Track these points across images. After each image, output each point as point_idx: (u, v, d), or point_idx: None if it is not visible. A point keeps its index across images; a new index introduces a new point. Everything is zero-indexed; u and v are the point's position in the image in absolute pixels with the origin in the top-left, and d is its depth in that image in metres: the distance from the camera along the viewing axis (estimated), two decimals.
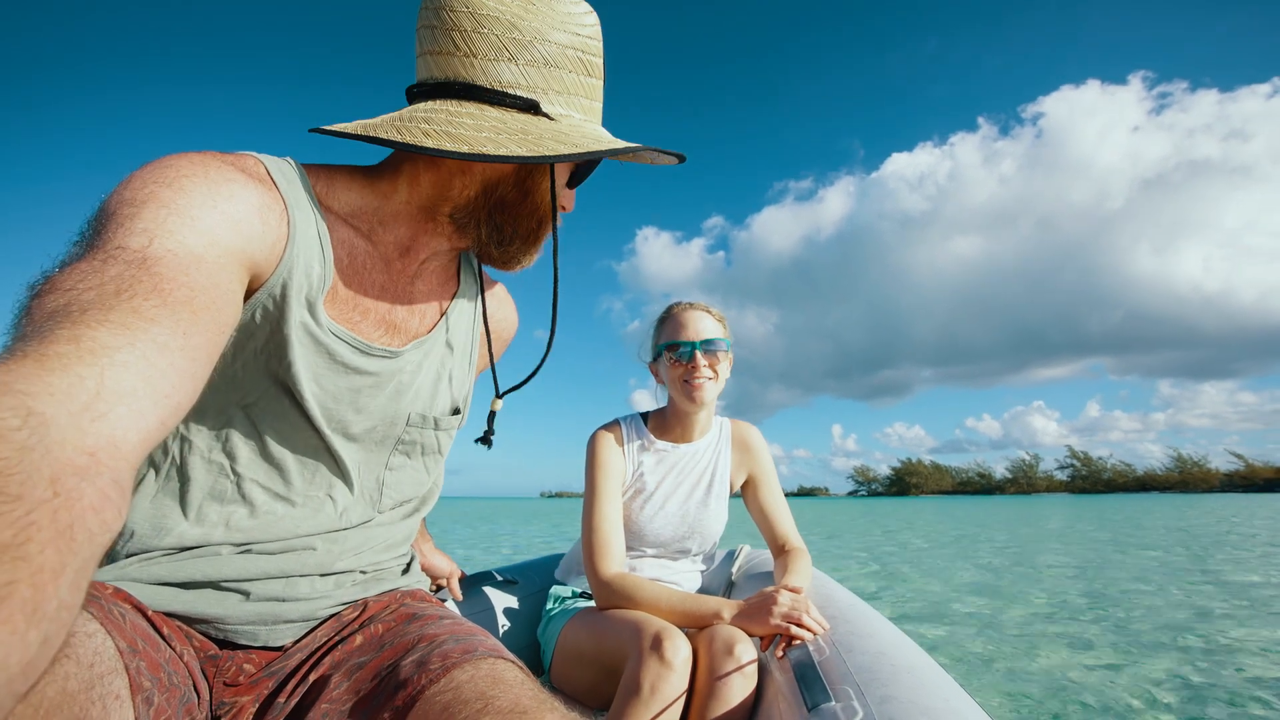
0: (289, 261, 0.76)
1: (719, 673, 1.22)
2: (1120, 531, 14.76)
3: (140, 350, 0.46)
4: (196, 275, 0.58)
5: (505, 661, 0.79)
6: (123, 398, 0.42)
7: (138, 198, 0.62)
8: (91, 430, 0.38)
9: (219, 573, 0.79)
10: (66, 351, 0.41)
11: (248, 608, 0.81)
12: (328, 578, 0.88)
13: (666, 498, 1.72)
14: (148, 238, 0.58)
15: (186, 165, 0.68)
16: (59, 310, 0.47)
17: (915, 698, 0.93)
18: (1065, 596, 6.05)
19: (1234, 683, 3.30)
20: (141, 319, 0.49)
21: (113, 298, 0.49)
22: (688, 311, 1.72)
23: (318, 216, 0.81)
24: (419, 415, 0.94)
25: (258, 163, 0.77)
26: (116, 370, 0.43)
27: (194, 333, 0.53)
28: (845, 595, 1.46)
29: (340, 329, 0.82)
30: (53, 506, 0.32)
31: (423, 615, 0.91)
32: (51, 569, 0.30)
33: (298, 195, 0.79)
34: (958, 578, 7.51)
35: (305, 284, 0.78)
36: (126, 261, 0.54)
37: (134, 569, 0.76)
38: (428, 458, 1.00)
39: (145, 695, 0.62)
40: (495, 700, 0.70)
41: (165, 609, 0.77)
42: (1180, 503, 53.55)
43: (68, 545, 0.32)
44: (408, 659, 0.80)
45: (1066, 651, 4.00)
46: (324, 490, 0.87)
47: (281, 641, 0.85)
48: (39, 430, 0.34)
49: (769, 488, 1.79)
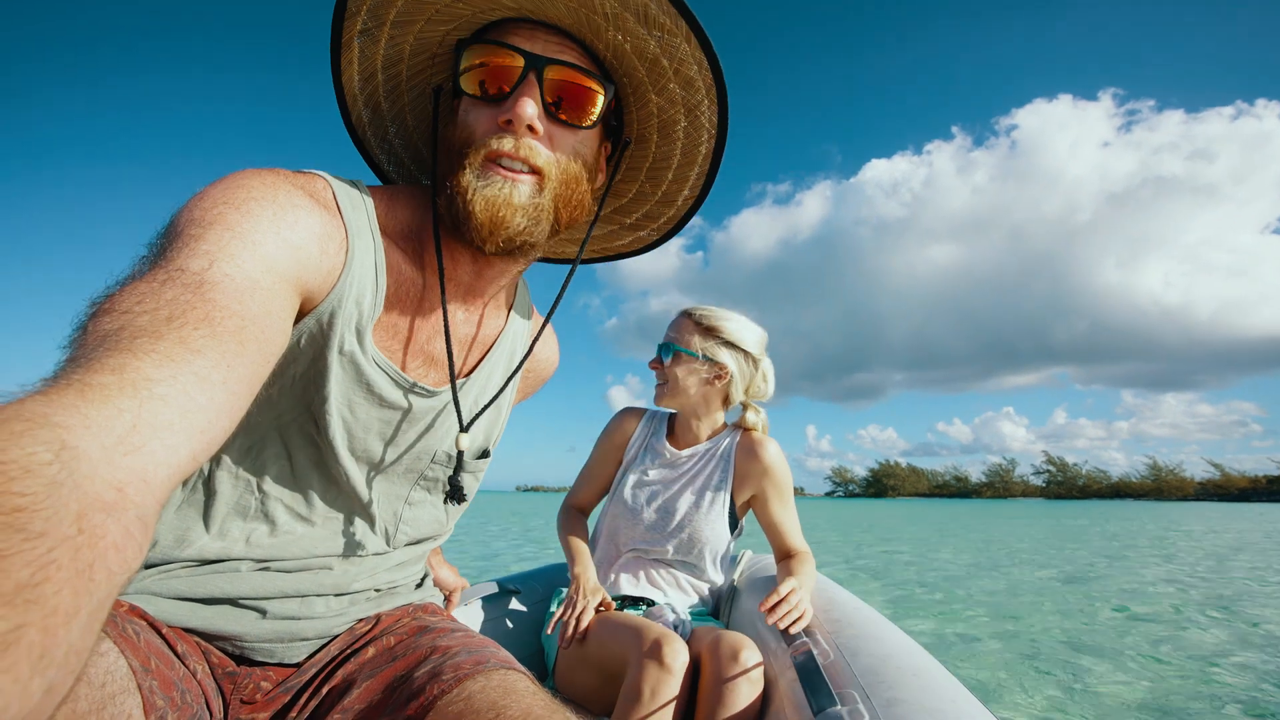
0: (341, 290, 0.75)
1: (724, 677, 1.24)
2: (1153, 540, 14.65)
3: (181, 384, 0.46)
4: (250, 304, 0.58)
5: (516, 673, 0.80)
6: (158, 431, 0.41)
7: (206, 218, 0.62)
8: (123, 465, 0.38)
9: (237, 589, 0.79)
10: (110, 382, 0.41)
11: (265, 625, 0.81)
12: (342, 597, 0.89)
13: (658, 494, 1.74)
14: (209, 260, 0.58)
15: (258, 188, 0.68)
16: (110, 335, 0.47)
17: (921, 701, 0.94)
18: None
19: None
20: (188, 350, 0.48)
21: (164, 324, 0.49)
22: (678, 315, 1.78)
23: (376, 245, 0.80)
24: (445, 454, 0.93)
25: (326, 186, 0.77)
26: (155, 404, 0.42)
27: (238, 364, 0.53)
28: (849, 599, 1.47)
29: (384, 359, 0.81)
30: (75, 544, 0.30)
31: (434, 628, 0.92)
32: (65, 611, 0.29)
33: (360, 223, 0.78)
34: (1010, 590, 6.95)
35: (355, 313, 0.77)
36: (184, 285, 0.54)
37: (151, 582, 0.76)
38: (448, 502, 0.98)
39: (158, 714, 0.62)
40: (507, 710, 0.70)
41: (183, 625, 0.77)
42: (1167, 510, 54.24)
43: (85, 585, 0.30)
44: (420, 670, 0.80)
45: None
46: (343, 515, 0.87)
47: (297, 658, 0.86)
48: (69, 464, 0.33)
49: (779, 503, 1.73)
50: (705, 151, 0.94)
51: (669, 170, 0.98)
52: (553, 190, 0.80)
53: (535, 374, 1.14)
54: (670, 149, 0.95)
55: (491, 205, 0.76)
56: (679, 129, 0.92)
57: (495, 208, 0.76)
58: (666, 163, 0.97)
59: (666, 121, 0.91)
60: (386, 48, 0.86)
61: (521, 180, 0.77)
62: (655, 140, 0.94)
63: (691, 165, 0.96)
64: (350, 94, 0.91)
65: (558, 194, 0.81)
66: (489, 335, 0.96)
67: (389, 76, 0.89)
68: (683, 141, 0.94)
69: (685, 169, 0.97)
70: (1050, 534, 16.75)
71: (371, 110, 0.93)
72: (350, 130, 0.95)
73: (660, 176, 0.99)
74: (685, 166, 0.97)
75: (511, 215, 0.77)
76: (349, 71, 0.88)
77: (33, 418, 0.33)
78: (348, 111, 0.93)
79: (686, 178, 0.98)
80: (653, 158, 0.97)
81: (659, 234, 1.09)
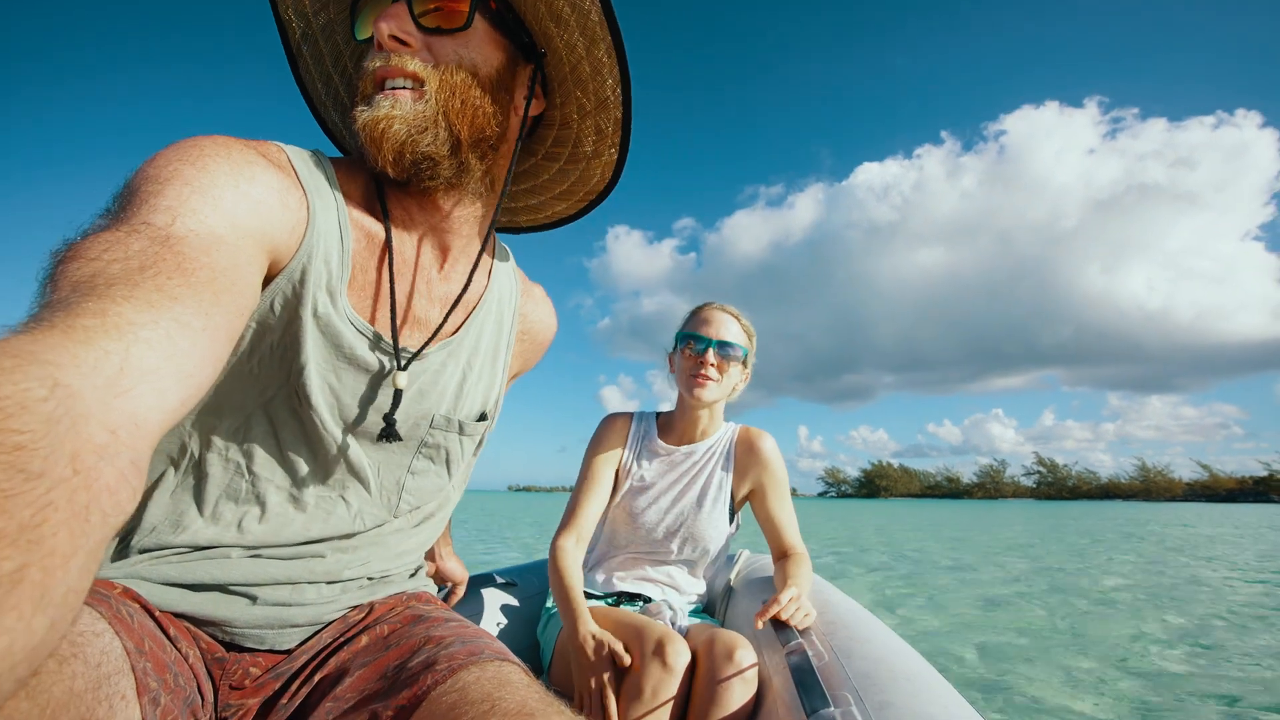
0: (308, 247, 0.76)
1: (719, 677, 1.24)
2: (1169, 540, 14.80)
3: (164, 328, 0.46)
4: (218, 256, 0.58)
5: (511, 664, 0.80)
6: (146, 375, 0.41)
7: (162, 175, 0.62)
8: (115, 406, 0.37)
9: (228, 575, 0.79)
10: (93, 325, 0.40)
11: (255, 611, 0.81)
12: (335, 584, 0.88)
13: (660, 494, 1.73)
14: (171, 215, 0.58)
15: (210, 146, 0.68)
16: (85, 281, 0.46)
17: (914, 704, 0.95)
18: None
19: None
20: (166, 296, 0.48)
21: (138, 273, 0.49)
22: (717, 311, 1.74)
23: (339, 205, 0.80)
24: (443, 418, 0.93)
25: (280, 150, 0.78)
26: (141, 347, 0.42)
27: (215, 313, 0.53)
28: (844, 600, 1.47)
29: (360, 320, 0.81)
30: (71, 486, 0.31)
31: (429, 617, 0.91)
32: (63, 553, 0.29)
33: (318, 182, 0.79)
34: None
35: (324, 272, 0.78)
36: (150, 238, 0.54)
37: (144, 567, 0.76)
38: (452, 464, 0.99)
39: (151, 696, 0.62)
40: (502, 702, 0.70)
41: (173, 609, 0.77)
42: (1158, 511, 54.13)
43: (81, 528, 0.31)
44: (414, 659, 0.80)
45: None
46: (337, 493, 0.86)
47: (288, 645, 0.85)
48: (65, 403, 0.33)
49: (776, 497, 1.75)
50: (611, 77, 0.91)
51: (586, 86, 0.93)
52: (438, 98, 0.80)
53: (531, 338, 1.14)
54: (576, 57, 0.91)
55: (372, 122, 0.78)
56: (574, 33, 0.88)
57: (375, 123, 0.78)
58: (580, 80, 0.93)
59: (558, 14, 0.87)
60: (328, 49, 0.94)
61: (401, 95, 0.79)
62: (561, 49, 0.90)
63: (602, 76, 0.91)
64: (318, 100, 0.98)
65: (446, 102, 0.81)
66: (472, 296, 0.96)
67: (340, 72, 0.97)
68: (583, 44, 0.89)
69: (599, 82, 0.92)
70: (1075, 536, 16.71)
71: (340, 113, 1.00)
72: (322, 126, 1.03)
73: (572, 94, 0.95)
74: (597, 78, 0.92)
75: (390, 125, 0.78)
76: (310, 81, 0.96)
77: (21, 354, 0.33)
78: (321, 118, 1.01)
79: (605, 100, 0.94)
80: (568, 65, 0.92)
81: (598, 178, 1.05)
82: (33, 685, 0.47)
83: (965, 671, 3.75)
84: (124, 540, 0.77)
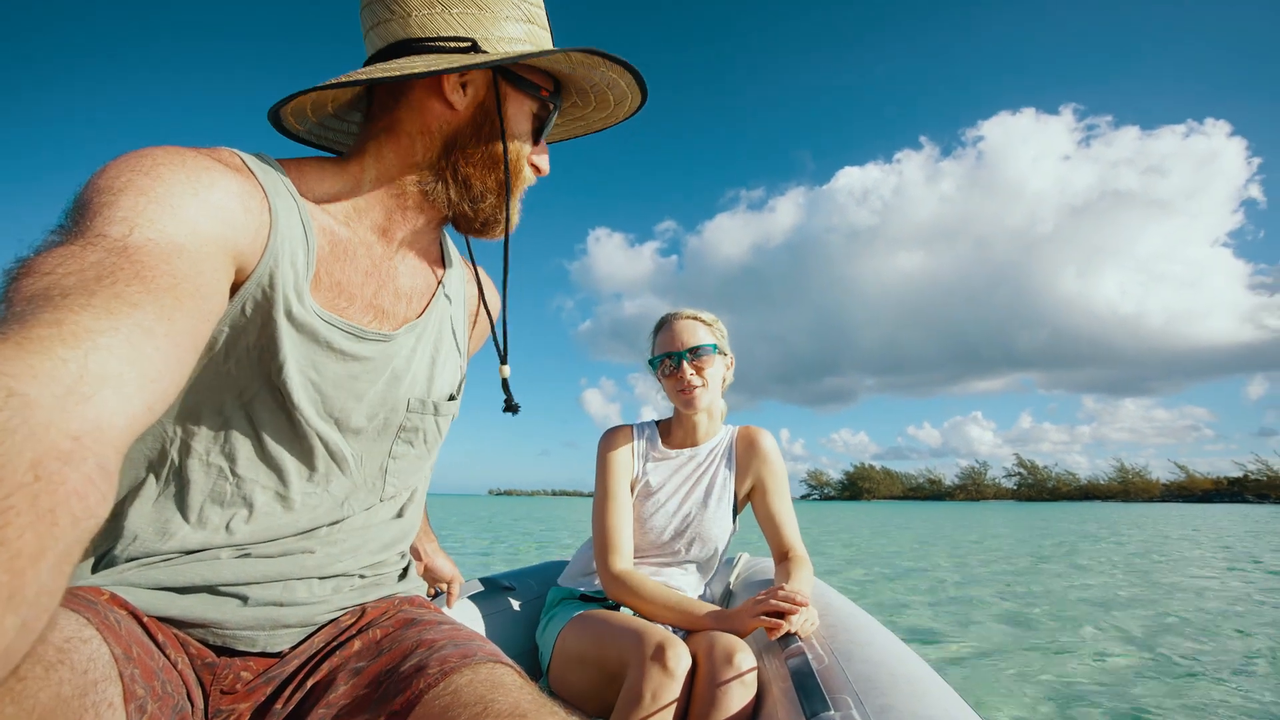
0: (274, 249, 0.76)
1: (718, 680, 1.24)
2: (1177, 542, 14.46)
3: (124, 334, 0.45)
4: (179, 264, 0.57)
5: (504, 666, 0.80)
6: (107, 381, 0.41)
7: (115, 185, 0.61)
8: (76, 413, 0.37)
9: (218, 576, 0.79)
10: (48, 335, 0.41)
11: (246, 612, 0.81)
12: (326, 581, 0.88)
13: (666, 498, 1.75)
14: (128, 226, 0.57)
15: (163, 155, 0.67)
16: (39, 294, 0.46)
17: (915, 707, 0.95)
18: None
19: None
20: (125, 304, 0.48)
21: (94, 283, 0.48)
22: (677, 321, 1.77)
23: (300, 205, 0.81)
24: (418, 401, 0.95)
25: (233, 154, 0.78)
26: (100, 354, 0.42)
27: (178, 319, 0.53)
28: (844, 603, 1.48)
29: (330, 315, 0.82)
30: (33, 490, 0.31)
31: (421, 620, 0.91)
32: (30, 554, 0.29)
33: (276, 184, 0.79)
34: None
35: (292, 272, 0.78)
36: (106, 249, 0.53)
37: (132, 574, 0.75)
38: (430, 445, 1.00)
39: (139, 703, 0.62)
40: (494, 704, 0.70)
41: (162, 614, 0.76)
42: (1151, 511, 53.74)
43: (49, 530, 0.31)
44: (406, 663, 0.80)
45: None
46: (323, 486, 0.87)
47: (280, 647, 0.85)
48: (21, 412, 0.33)
49: (777, 494, 1.77)
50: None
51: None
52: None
53: (481, 316, 1.16)
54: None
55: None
56: None
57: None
58: None
59: None
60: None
61: None
62: None
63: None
64: (298, 130, 0.97)
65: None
66: (432, 281, 0.99)
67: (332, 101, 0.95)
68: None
69: None
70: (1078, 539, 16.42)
71: (320, 128, 1.00)
72: (275, 123, 0.96)
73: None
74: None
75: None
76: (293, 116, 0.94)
77: None
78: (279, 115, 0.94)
79: None
80: None
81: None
82: (18, 691, 0.47)
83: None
84: (110, 549, 0.76)
